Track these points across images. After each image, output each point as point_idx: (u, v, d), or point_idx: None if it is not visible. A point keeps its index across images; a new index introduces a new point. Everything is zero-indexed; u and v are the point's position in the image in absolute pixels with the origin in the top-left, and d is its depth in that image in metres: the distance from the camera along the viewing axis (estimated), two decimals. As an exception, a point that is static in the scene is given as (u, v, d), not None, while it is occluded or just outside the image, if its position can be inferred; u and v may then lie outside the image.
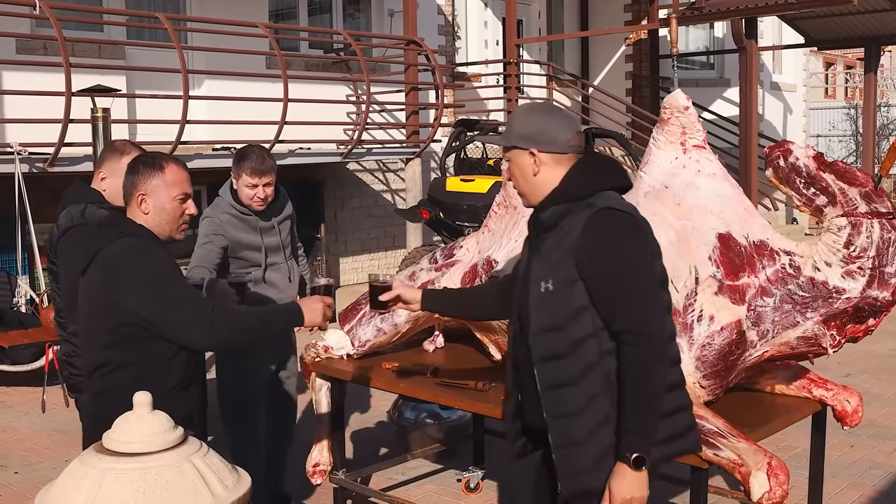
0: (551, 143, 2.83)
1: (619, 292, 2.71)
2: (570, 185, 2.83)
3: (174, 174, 3.18)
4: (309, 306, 3.17)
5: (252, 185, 4.51)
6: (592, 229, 2.73)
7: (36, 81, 8.22)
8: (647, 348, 2.69)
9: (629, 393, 2.71)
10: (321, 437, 4.69)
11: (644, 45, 16.83)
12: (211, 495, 2.24)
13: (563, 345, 2.76)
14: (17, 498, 5.38)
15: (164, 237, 3.19)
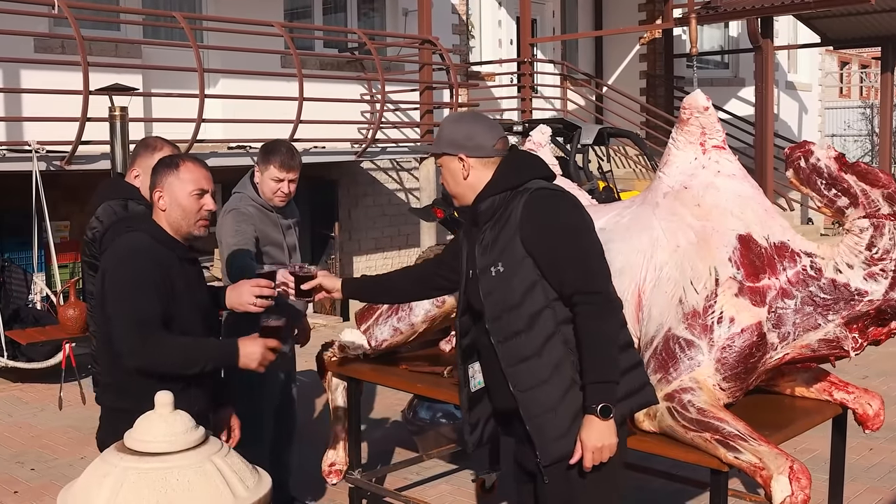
0: (478, 149, 3.05)
1: (565, 259, 2.91)
2: (504, 178, 3.04)
3: (189, 171, 3.18)
4: (248, 349, 3.12)
5: (279, 178, 4.44)
6: (532, 207, 2.95)
7: (53, 80, 8.25)
8: (596, 304, 2.89)
9: (586, 348, 2.89)
10: (337, 437, 4.69)
11: (658, 45, 16.79)
12: (232, 495, 2.24)
13: (522, 321, 2.93)
14: (34, 494, 5.39)
15: (183, 234, 3.18)
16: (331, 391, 4.67)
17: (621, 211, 4.08)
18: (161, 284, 3.04)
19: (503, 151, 3.11)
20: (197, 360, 3.06)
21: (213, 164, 9.32)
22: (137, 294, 3.00)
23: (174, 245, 3.17)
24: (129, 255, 3.08)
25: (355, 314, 4.73)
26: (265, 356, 3.13)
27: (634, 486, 5.20)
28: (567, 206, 3.00)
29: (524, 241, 2.93)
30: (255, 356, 3.11)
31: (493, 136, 3.09)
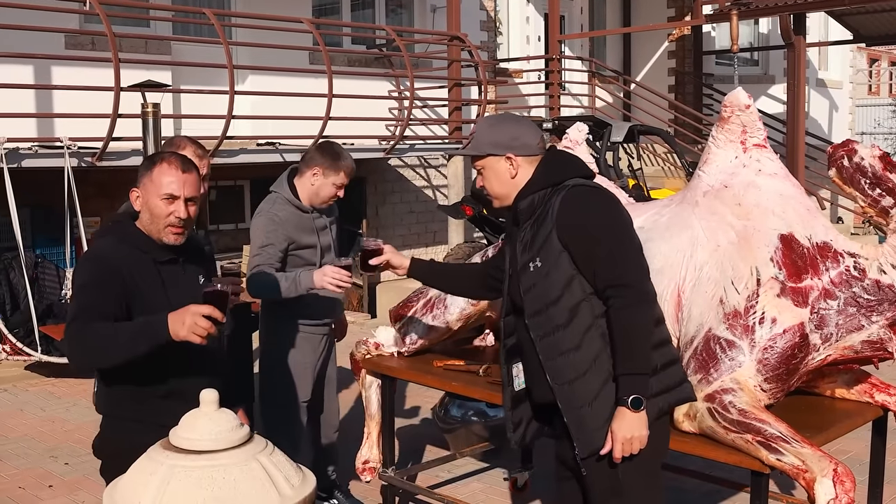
0: (525, 147, 3.15)
1: (599, 252, 2.96)
2: (543, 176, 3.13)
3: (161, 172, 3.01)
4: (178, 316, 2.77)
5: (340, 185, 4.51)
6: (569, 202, 3.02)
7: (84, 76, 8.29)
8: (628, 297, 2.94)
9: (619, 340, 2.95)
10: (370, 435, 4.68)
11: (687, 42, 16.69)
12: (278, 494, 2.22)
13: (561, 315, 3.00)
14: (68, 488, 5.42)
15: (157, 239, 3.06)
16: (364, 388, 4.66)
17: (660, 210, 4.04)
18: (115, 286, 2.92)
19: (544, 149, 3.20)
20: (120, 342, 2.81)
21: (241, 160, 9.43)
22: (85, 297, 2.92)
23: (150, 247, 3.05)
24: (85, 264, 3.04)
25: (389, 312, 4.72)
26: (196, 323, 2.74)
27: (667, 487, 5.16)
28: (603, 202, 3.07)
29: (560, 235, 3.00)
30: (185, 324, 2.74)
31: (537, 135, 3.20)
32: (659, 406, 3.08)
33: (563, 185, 3.09)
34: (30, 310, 7.67)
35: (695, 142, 14.67)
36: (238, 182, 10.65)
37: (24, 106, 8.33)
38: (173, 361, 3.02)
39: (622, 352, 2.95)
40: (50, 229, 8.64)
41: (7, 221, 7.68)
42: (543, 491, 5.31)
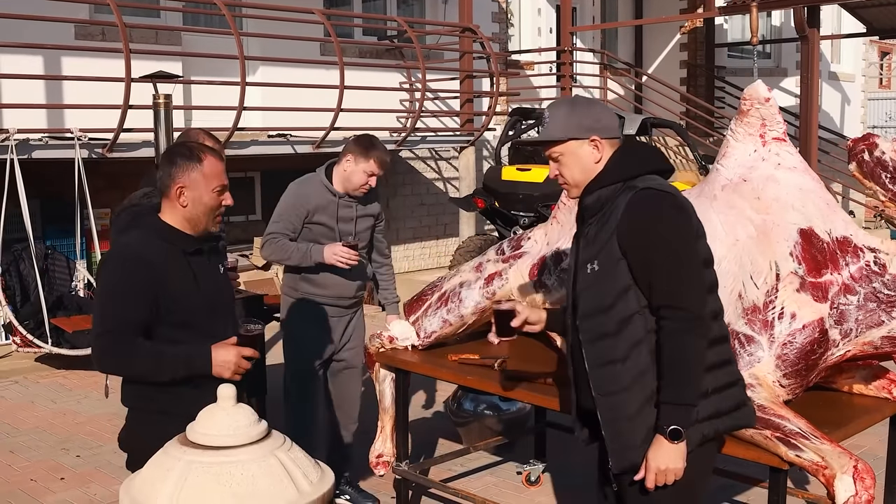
0: (608, 129, 2.94)
1: (657, 268, 2.78)
2: (612, 170, 2.92)
3: (212, 166, 3.09)
4: (221, 357, 3.02)
5: (371, 173, 4.66)
6: (633, 208, 2.81)
7: (94, 67, 8.26)
8: (683, 321, 2.75)
9: (665, 365, 2.77)
10: (384, 428, 4.66)
11: (699, 34, 16.61)
12: (296, 490, 2.20)
13: (612, 323, 2.83)
14: (80, 480, 5.41)
15: (199, 230, 3.11)
16: (378, 382, 4.63)
17: (677, 203, 4.01)
18: (149, 289, 2.98)
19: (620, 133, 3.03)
20: (166, 368, 3.00)
21: (253, 152, 9.41)
22: (116, 301, 2.98)
23: (177, 238, 3.09)
24: (116, 260, 3.07)
25: (403, 305, 4.70)
26: (239, 364, 3.03)
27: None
28: (670, 212, 2.83)
29: (620, 242, 2.81)
30: (229, 365, 3.01)
31: (614, 117, 3.00)
32: (703, 432, 2.88)
33: (633, 184, 2.87)
34: (40, 301, 7.66)
35: (707, 135, 14.61)
36: (249, 174, 10.64)
37: (35, 97, 8.31)
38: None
39: (667, 378, 2.77)
40: (60, 221, 8.63)
41: (17, 213, 7.67)
42: (556, 485, 5.29)
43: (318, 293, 4.79)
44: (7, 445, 6.01)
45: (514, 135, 10.43)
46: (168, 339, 3.02)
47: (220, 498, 2.13)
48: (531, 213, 9.27)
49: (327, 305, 4.82)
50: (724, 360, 2.94)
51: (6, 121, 7.91)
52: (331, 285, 4.77)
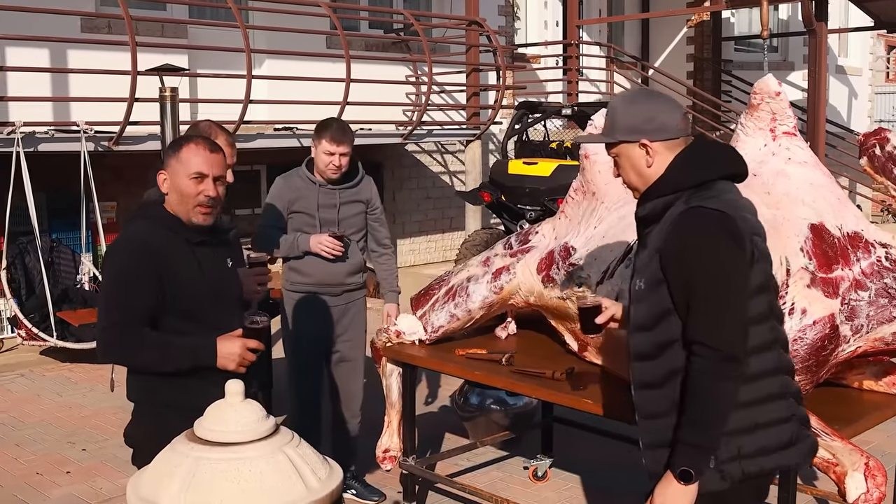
0: (661, 130, 2.68)
1: (693, 300, 2.56)
2: (675, 175, 2.67)
3: (189, 153, 3.06)
4: (226, 350, 2.99)
5: (330, 152, 4.70)
6: (677, 230, 2.59)
7: (100, 60, 8.24)
8: (712, 362, 2.53)
9: (689, 404, 2.57)
10: (391, 423, 4.64)
11: (706, 27, 16.55)
12: (305, 487, 2.18)
13: (651, 346, 2.67)
14: (85, 475, 5.40)
15: (186, 221, 3.09)
16: (385, 377, 4.61)
17: (687, 198, 3.98)
18: (154, 275, 2.97)
19: (686, 131, 2.74)
20: (172, 359, 2.98)
21: (258, 145, 9.38)
22: (122, 290, 2.98)
23: (180, 228, 3.08)
24: (121, 249, 3.06)
25: (411, 299, 4.68)
26: (244, 356, 3.00)
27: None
28: (716, 237, 2.55)
29: (662, 264, 2.61)
30: (234, 357, 2.99)
31: (676, 114, 2.72)
32: (744, 469, 2.64)
33: (688, 197, 2.62)
34: (45, 294, 7.65)
35: (713, 128, 14.56)
36: (255, 167, 10.61)
37: (41, 90, 8.29)
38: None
39: (688, 417, 2.57)
40: (66, 214, 8.62)
41: (23, 205, 7.65)
42: (563, 480, 5.27)
43: (305, 282, 4.86)
44: (13, 439, 6.01)
45: (521, 128, 10.40)
46: (174, 330, 3.01)
47: (229, 495, 2.11)
48: (538, 206, 9.24)
49: (318, 294, 4.88)
50: (775, 394, 2.68)
51: (12, 114, 7.88)
52: (315, 273, 4.82)
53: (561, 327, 4.34)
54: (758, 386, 2.64)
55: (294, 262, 4.84)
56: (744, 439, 2.63)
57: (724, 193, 2.64)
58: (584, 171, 4.38)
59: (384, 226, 5.08)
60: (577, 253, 4.15)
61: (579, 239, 4.21)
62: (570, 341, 4.31)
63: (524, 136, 10.56)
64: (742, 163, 2.78)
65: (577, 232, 4.27)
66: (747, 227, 2.62)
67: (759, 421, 2.64)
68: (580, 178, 4.40)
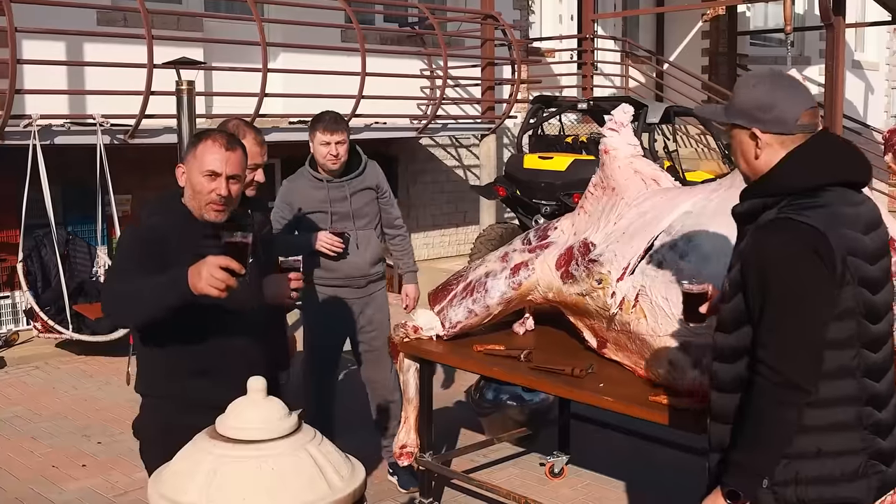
0: (776, 123, 2.47)
1: (765, 317, 2.41)
2: (775, 178, 2.49)
3: (205, 149, 3.03)
4: (195, 269, 2.71)
5: (325, 142, 4.75)
6: (760, 239, 2.43)
7: (116, 53, 8.23)
8: (775, 386, 2.39)
9: (747, 424, 2.46)
10: (408, 419, 4.62)
11: (722, 22, 16.43)
12: (327, 486, 2.16)
13: (728, 349, 2.56)
14: (101, 468, 5.41)
15: (198, 216, 3.07)
16: (402, 372, 4.60)
17: (708, 194, 3.95)
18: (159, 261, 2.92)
19: (810, 127, 2.50)
20: (147, 295, 2.79)
21: (273, 139, 9.34)
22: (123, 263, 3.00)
23: (192, 221, 3.07)
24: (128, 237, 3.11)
25: (428, 295, 4.66)
26: (213, 275, 2.67)
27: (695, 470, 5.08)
28: (798, 255, 2.36)
29: (742, 272, 2.48)
30: (204, 276, 2.67)
31: (798, 107, 2.48)
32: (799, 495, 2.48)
33: (786, 203, 2.43)
34: (61, 287, 7.66)
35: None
36: (269, 160, 10.59)
37: (57, 83, 8.29)
38: (210, 338, 3.03)
39: (743, 437, 2.46)
40: (82, 207, 8.61)
41: (39, 198, 7.66)
42: (580, 478, 5.25)
43: (330, 276, 4.90)
44: (29, 431, 6.02)
45: (536, 122, 10.35)
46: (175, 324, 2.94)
47: (252, 493, 2.09)
48: (553, 201, 9.19)
49: (338, 287, 4.91)
50: (846, 423, 2.49)
51: (29, 107, 7.88)
52: (340, 268, 4.87)
53: (580, 324, 4.32)
54: (826, 413, 2.46)
55: (320, 269, 4.88)
56: (804, 464, 2.48)
57: (830, 204, 2.43)
58: (603, 167, 4.35)
59: (395, 207, 5.14)
60: (596, 249, 4.12)
61: (599, 235, 4.18)
62: (588, 338, 4.29)
63: (539, 130, 10.51)
64: (861, 168, 2.55)
65: (596, 228, 4.24)
66: (843, 245, 2.40)
67: (823, 448, 2.47)
68: (600, 174, 4.37)
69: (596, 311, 4.09)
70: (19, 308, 8.30)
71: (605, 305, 3.99)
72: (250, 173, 3.66)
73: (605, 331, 4.10)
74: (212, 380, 2.97)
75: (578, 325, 4.33)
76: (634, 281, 3.87)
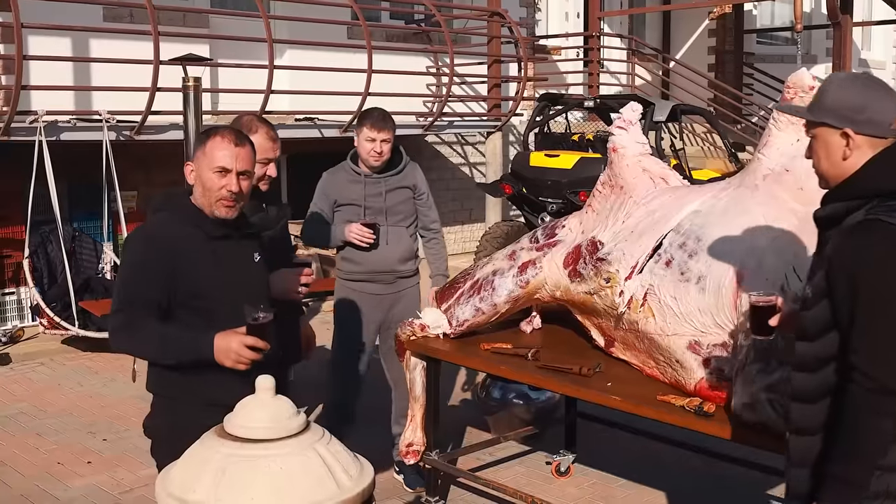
0: (870, 124, 2.43)
1: (858, 322, 2.33)
2: (860, 181, 2.42)
3: (214, 145, 3.02)
4: (221, 345, 2.88)
5: (370, 139, 4.78)
6: (849, 242, 2.37)
7: (122, 49, 8.23)
8: (870, 394, 2.31)
9: (843, 436, 2.39)
10: (415, 417, 4.61)
11: (728, 20, 16.40)
12: (336, 486, 2.15)
13: (811, 358, 2.47)
14: (107, 465, 5.40)
15: (209, 213, 3.06)
16: (409, 370, 4.58)
17: (717, 193, 3.93)
18: (166, 267, 2.95)
19: None
20: (171, 350, 2.93)
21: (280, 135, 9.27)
22: (132, 279, 2.98)
23: (202, 221, 3.05)
24: (138, 238, 3.06)
25: (436, 293, 4.65)
26: (240, 353, 2.85)
27: (709, 475, 5.08)
28: (884, 257, 2.31)
29: (828, 276, 2.41)
30: (230, 353, 2.86)
31: (892, 111, 2.45)
32: None
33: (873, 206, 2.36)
34: (67, 284, 7.65)
35: (735, 122, 14.45)
36: (274, 157, 10.58)
37: (63, 79, 8.29)
38: None
39: (839, 449, 2.39)
40: (88, 203, 8.61)
41: (45, 194, 7.66)
42: (586, 476, 5.23)
43: (357, 270, 4.93)
44: (34, 428, 6.01)
45: (542, 120, 10.33)
46: (186, 325, 2.98)
47: (260, 493, 2.08)
48: (559, 199, 9.17)
49: (365, 282, 4.93)
50: None
51: (35, 103, 7.88)
52: (366, 261, 4.89)
53: (587, 322, 4.30)
54: None
55: (346, 252, 4.93)
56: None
57: None
58: (611, 165, 4.33)
59: (432, 210, 5.16)
60: (604, 248, 4.10)
61: (607, 233, 4.16)
62: (596, 336, 4.27)
63: (546, 128, 10.49)
64: None
65: (604, 226, 4.22)
66: None
67: None
68: (608, 172, 4.35)
69: (604, 310, 4.08)
70: (25, 304, 8.30)
71: (614, 304, 3.97)
72: (262, 167, 3.65)
73: (613, 330, 4.09)
74: (226, 379, 2.95)
75: (586, 323, 4.31)
76: (643, 280, 3.85)
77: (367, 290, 4.94)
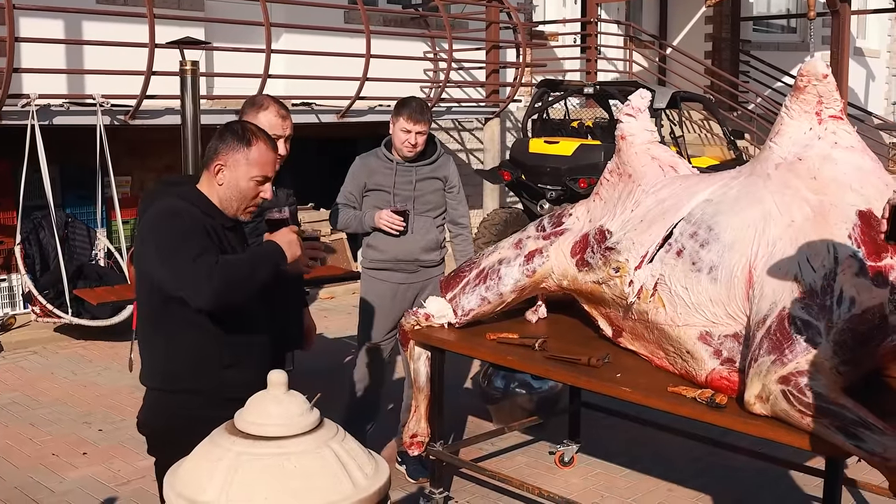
0: None
1: None
2: None
3: (259, 154, 2.97)
4: (283, 239, 2.96)
5: (406, 130, 4.76)
6: None
7: (116, 32, 8.10)
8: None
9: None
10: (418, 408, 4.54)
11: (725, 7, 16.34)
12: (352, 484, 2.08)
13: None
14: (102, 456, 5.32)
15: (229, 213, 3.00)
16: (412, 360, 4.51)
17: (728, 181, 3.86)
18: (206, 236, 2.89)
19: None
20: (257, 264, 2.90)
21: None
22: (188, 240, 2.82)
23: (212, 211, 2.98)
24: (171, 214, 2.88)
25: (440, 282, 4.57)
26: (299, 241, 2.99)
27: (719, 465, 5.03)
28: None
29: None
30: (294, 242, 2.96)
31: None
32: None
33: None
34: (60, 270, 7.55)
35: (731, 108, 14.38)
36: (270, 143, 10.48)
37: (56, 62, 8.17)
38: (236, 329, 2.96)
39: None
40: (81, 188, 8.50)
41: (37, 179, 7.55)
42: (590, 466, 5.18)
43: (381, 258, 4.92)
44: (28, 418, 5.92)
45: (541, 106, 10.24)
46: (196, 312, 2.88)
47: (274, 492, 2.00)
48: (558, 186, 9.10)
49: (388, 270, 4.93)
50: None
51: (27, 86, 7.76)
52: (390, 249, 4.88)
53: (595, 312, 4.23)
54: None
55: (370, 240, 4.93)
56: None
57: None
58: (619, 153, 4.25)
59: (462, 204, 5.14)
60: (613, 237, 4.03)
61: (615, 222, 4.09)
62: (603, 327, 4.20)
63: (544, 114, 10.40)
64: None
65: (612, 215, 4.14)
66: None
67: None
68: (616, 160, 4.28)
69: (612, 300, 4.00)
70: (17, 292, 8.18)
71: (622, 294, 3.90)
72: None
73: (622, 320, 4.02)
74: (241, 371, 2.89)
75: (593, 313, 4.24)
76: (653, 269, 3.78)
77: (391, 279, 4.93)
